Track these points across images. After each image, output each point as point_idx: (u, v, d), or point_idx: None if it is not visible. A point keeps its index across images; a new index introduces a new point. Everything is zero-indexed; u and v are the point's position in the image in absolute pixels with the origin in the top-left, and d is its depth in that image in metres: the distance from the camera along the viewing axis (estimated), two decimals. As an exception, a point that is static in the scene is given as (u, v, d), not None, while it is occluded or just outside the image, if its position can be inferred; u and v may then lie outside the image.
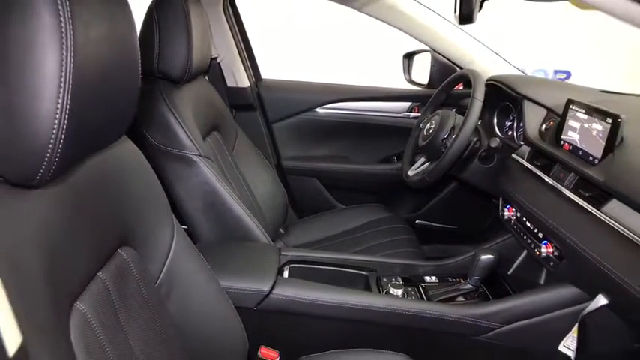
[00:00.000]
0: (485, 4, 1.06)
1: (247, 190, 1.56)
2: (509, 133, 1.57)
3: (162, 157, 1.27)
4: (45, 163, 0.56)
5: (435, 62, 1.89)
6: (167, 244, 0.89)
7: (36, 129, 0.54)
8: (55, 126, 0.54)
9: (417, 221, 1.97)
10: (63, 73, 0.53)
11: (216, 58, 1.80)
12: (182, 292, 0.90)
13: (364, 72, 2.48)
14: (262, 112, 1.97)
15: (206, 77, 1.68)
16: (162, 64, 1.28)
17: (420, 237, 1.73)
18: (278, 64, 2.32)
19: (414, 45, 1.90)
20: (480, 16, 1.15)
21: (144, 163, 0.89)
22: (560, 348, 1.11)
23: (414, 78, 2.00)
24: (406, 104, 1.99)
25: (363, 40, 3.42)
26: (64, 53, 0.53)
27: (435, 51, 1.85)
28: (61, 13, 0.53)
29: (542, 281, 1.35)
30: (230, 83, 1.88)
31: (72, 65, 0.54)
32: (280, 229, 1.71)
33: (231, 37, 1.83)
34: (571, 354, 1.09)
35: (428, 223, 1.97)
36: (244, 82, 1.89)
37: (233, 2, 1.89)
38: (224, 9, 1.81)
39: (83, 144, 0.63)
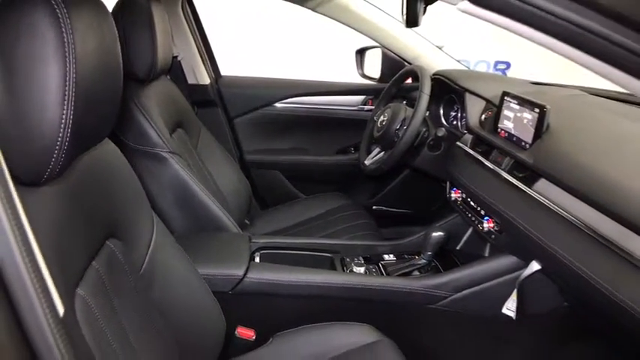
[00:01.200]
0: (428, 8, 1.17)
1: (214, 184, 1.62)
2: (454, 122, 1.71)
3: (133, 154, 1.33)
4: (52, 162, 0.63)
5: (385, 58, 2.00)
6: (148, 236, 0.96)
7: (43, 133, 0.61)
8: (61, 130, 0.61)
9: (374, 207, 2.10)
10: (67, 83, 0.60)
11: (176, 57, 1.85)
12: (164, 279, 0.97)
13: (321, 68, 2.57)
14: (223, 108, 2.03)
15: (167, 76, 1.72)
16: (129, 65, 1.32)
17: (377, 221, 1.85)
18: (238, 62, 2.37)
19: (365, 42, 2.01)
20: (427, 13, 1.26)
21: (123, 160, 0.96)
22: (504, 310, 1.26)
23: (367, 72, 2.11)
24: (360, 98, 2.10)
25: (318, 37, 3.51)
26: (68, 66, 0.60)
27: (384, 47, 1.97)
28: (63, 30, 0.60)
29: (486, 254, 1.51)
30: (191, 81, 1.93)
31: (74, 76, 0.61)
32: (246, 220, 1.78)
33: (191, 36, 1.88)
34: (512, 315, 1.25)
35: (384, 208, 2.10)
36: (205, 79, 1.95)
37: (191, 1, 1.93)
38: (182, 8, 1.86)
39: (81, 144, 0.70)
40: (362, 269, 1.39)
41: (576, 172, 0.99)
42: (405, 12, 1.11)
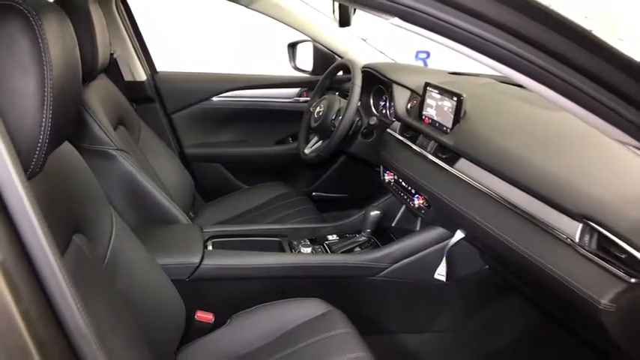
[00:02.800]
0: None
1: (158, 179, 1.66)
2: (384, 111, 1.85)
3: (82, 153, 1.34)
4: (32, 165, 0.68)
5: (316, 51, 2.11)
6: (109, 230, 1.01)
7: (24, 138, 0.66)
8: (41, 133, 0.66)
9: (313, 193, 2.21)
10: (45, 89, 0.65)
11: (112, 54, 1.84)
12: (126, 270, 1.02)
13: (257, 62, 2.63)
14: (161, 103, 2.04)
15: (104, 74, 1.72)
16: None
17: (318, 207, 1.97)
18: (174, 58, 2.37)
19: (297, 36, 2.10)
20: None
21: (80, 159, 1.00)
22: (435, 276, 1.43)
23: (299, 65, 2.20)
24: (295, 90, 2.19)
25: (253, 32, 3.55)
26: (45, 73, 0.65)
27: (315, 41, 2.07)
28: (38, 38, 0.65)
29: (417, 228, 1.68)
30: (127, 78, 1.92)
31: (51, 81, 0.66)
32: (190, 214, 1.83)
33: (125, 33, 1.88)
34: (443, 279, 1.42)
35: (323, 193, 2.22)
36: (141, 75, 1.95)
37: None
38: (116, 6, 1.85)
39: (54, 145, 0.75)
40: (309, 249, 1.51)
41: (490, 151, 1.16)
42: (337, 13, 1.23)
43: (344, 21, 1.21)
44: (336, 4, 1.28)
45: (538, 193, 0.99)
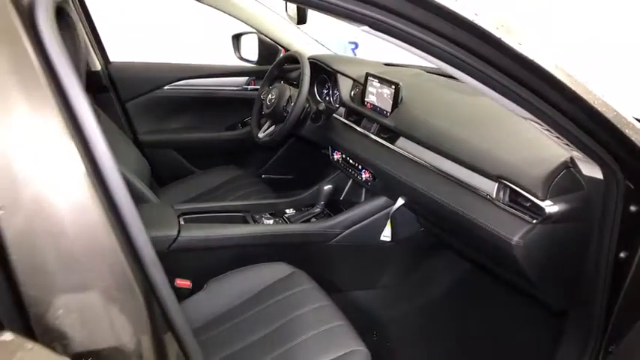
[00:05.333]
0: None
1: (121, 164, 1.75)
2: (327, 98, 2.05)
3: None
4: None
5: (261, 43, 2.26)
6: None
7: None
8: None
9: (262, 175, 2.38)
10: None
11: (66, 45, 1.87)
12: None
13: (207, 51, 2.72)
14: (115, 92, 2.10)
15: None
16: None
17: (269, 187, 2.14)
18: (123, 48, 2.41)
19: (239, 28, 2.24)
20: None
21: None
22: (381, 238, 1.67)
23: (244, 56, 2.34)
24: (244, 79, 2.33)
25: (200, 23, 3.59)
26: None
27: (260, 33, 2.22)
28: None
29: (362, 199, 1.92)
30: (81, 68, 1.96)
31: None
32: None
33: (79, 23, 1.92)
34: (388, 239, 1.66)
35: (271, 175, 2.40)
36: (96, 65, 2.00)
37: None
38: (68, -4, 1.88)
39: None
40: (271, 221, 1.69)
41: (424, 130, 1.41)
42: (295, 12, 1.40)
43: (301, 19, 1.39)
44: (296, 6, 1.44)
45: (463, 161, 1.25)
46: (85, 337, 0.59)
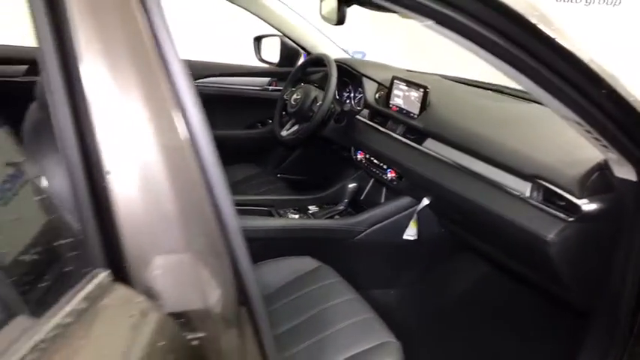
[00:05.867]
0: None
1: None
2: (347, 101, 2.10)
3: None
4: None
5: (283, 45, 2.29)
6: None
7: None
8: None
9: (278, 175, 2.40)
10: None
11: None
12: None
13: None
14: None
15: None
16: None
17: (287, 185, 2.17)
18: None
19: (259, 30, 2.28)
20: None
21: None
22: (405, 237, 1.70)
23: (264, 57, 2.38)
24: (265, 79, 2.37)
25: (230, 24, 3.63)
26: None
27: (284, 35, 2.26)
28: None
29: (382, 199, 1.95)
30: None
31: None
32: None
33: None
34: (412, 238, 1.70)
35: (288, 175, 2.42)
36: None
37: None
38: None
39: None
40: (296, 216, 1.72)
41: (456, 131, 1.45)
42: (333, 13, 1.44)
43: (340, 20, 1.42)
44: (329, 3, 1.47)
45: (497, 161, 1.29)
46: (179, 298, 0.62)
